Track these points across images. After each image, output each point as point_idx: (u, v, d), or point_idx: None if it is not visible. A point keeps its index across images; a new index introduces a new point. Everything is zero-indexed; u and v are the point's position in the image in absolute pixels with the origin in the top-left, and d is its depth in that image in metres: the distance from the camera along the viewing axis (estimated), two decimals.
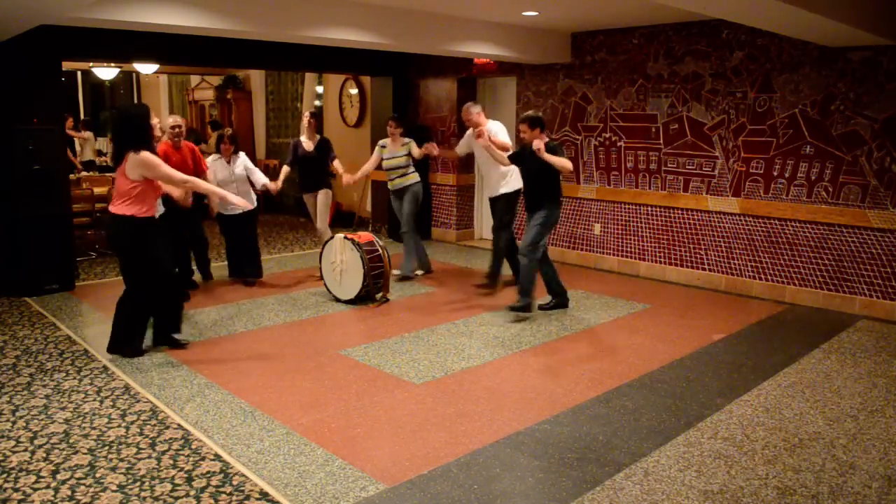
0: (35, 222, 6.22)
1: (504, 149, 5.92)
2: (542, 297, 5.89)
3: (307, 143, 6.86)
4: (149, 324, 4.90)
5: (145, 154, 4.41)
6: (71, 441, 3.50)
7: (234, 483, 3.10)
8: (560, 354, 4.86)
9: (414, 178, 6.90)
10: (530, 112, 5.60)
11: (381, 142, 6.98)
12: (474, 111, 6.31)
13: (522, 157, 5.66)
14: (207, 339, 5.12)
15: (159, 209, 5.53)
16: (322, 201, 6.95)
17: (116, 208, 4.51)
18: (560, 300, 5.96)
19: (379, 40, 6.23)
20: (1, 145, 6.11)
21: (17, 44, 5.98)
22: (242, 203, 5.16)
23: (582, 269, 7.63)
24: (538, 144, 5.33)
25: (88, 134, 11.94)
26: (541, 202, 5.59)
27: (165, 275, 4.72)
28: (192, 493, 3.02)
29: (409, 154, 6.80)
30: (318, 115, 7.05)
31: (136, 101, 14.99)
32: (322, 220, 6.98)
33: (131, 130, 4.49)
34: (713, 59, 6.59)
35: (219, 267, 7.17)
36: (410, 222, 6.86)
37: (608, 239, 7.61)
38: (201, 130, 12.74)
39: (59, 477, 3.15)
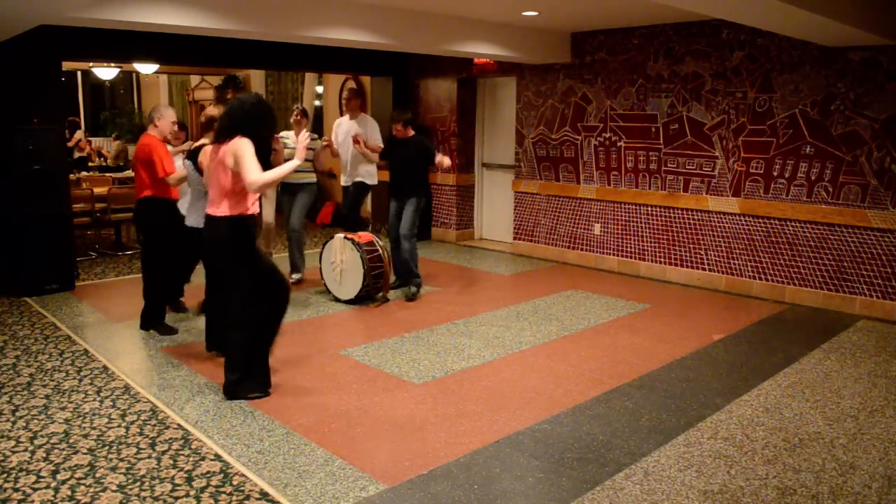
0: (35, 222, 6.22)
1: (376, 150, 6.54)
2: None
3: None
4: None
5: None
6: (71, 441, 3.50)
7: (234, 483, 3.10)
8: (560, 354, 4.86)
9: (311, 177, 6.74)
10: (408, 115, 6.34)
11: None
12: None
13: (391, 151, 6.37)
14: None
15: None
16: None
17: (224, 209, 3.89)
18: (403, 281, 6.43)
19: (379, 40, 6.23)
20: (1, 145, 6.11)
21: (17, 44, 5.98)
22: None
23: (582, 269, 7.64)
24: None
25: (79, 134, 11.95)
26: (410, 191, 6.22)
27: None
28: (192, 493, 3.02)
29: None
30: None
31: (136, 100, 15.01)
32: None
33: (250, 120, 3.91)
34: (713, 59, 6.59)
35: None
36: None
37: (608, 239, 7.61)
38: (201, 131, 12.73)
39: (59, 477, 3.15)
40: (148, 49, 7.16)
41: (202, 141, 4.86)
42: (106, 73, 11.58)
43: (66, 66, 8.82)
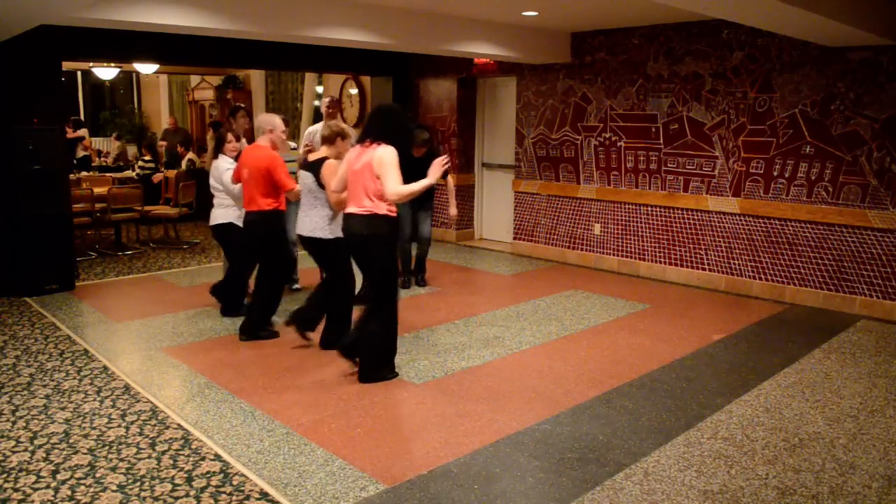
0: (35, 222, 6.22)
1: None
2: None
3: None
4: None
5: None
6: (71, 441, 3.50)
7: (234, 483, 3.10)
8: (560, 354, 4.86)
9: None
10: (426, 136, 6.44)
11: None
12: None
13: (407, 169, 6.15)
14: (207, 339, 5.12)
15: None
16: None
17: (369, 207, 4.15)
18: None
19: (379, 40, 6.23)
20: (1, 145, 6.11)
21: (17, 44, 5.98)
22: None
23: (582, 269, 7.64)
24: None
25: (83, 131, 11.96)
26: (424, 199, 6.40)
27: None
28: (192, 493, 3.02)
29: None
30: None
31: (136, 100, 15.01)
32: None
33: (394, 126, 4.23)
34: (713, 59, 6.59)
35: (215, 269, 7.16)
36: None
37: (608, 239, 7.61)
38: (201, 131, 12.74)
39: (59, 477, 3.15)
40: (148, 49, 7.16)
41: (323, 153, 4.74)
42: (106, 73, 11.58)
43: (66, 66, 8.83)
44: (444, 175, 6.23)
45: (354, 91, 10.31)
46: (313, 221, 4.70)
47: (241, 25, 5.35)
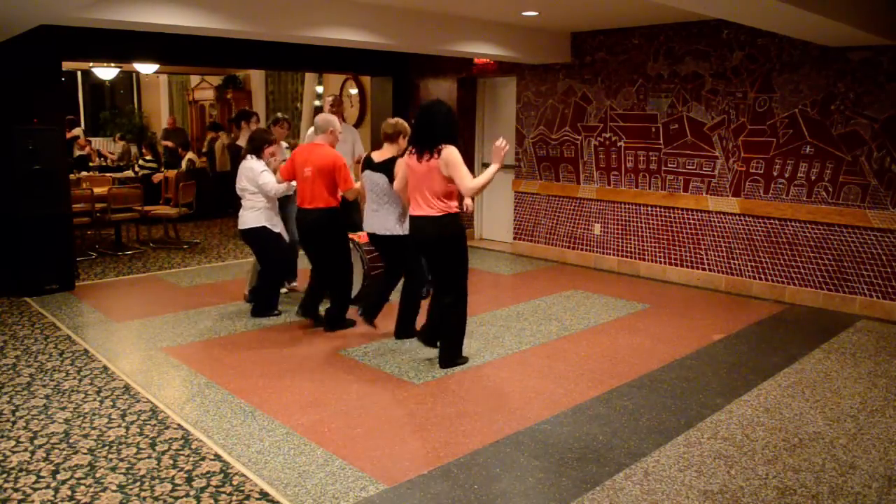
0: (35, 222, 6.22)
1: (360, 161, 6.36)
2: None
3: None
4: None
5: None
6: (71, 441, 3.50)
7: (234, 483, 3.10)
8: (560, 354, 4.86)
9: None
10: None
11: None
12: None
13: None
14: (207, 339, 5.12)
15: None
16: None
17: (439, 208, 4.34)
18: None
19: (379, 40, 6.23)
20: (1, 145, 6.11)
21: (17, 44, 5.98)
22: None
23: (582, 269, 7.64)
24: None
25: (78, 130, 11.97)
26: None
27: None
28: (192, 493, 3.02)
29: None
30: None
31: (136, 100, 15.01)
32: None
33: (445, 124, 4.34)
34: (713, 59, 6.59)
35: (219, 268, 7.18)
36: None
37: (608, 239, 7.61)
38: (201, 131, 12.74)
39: (59, 477, 3.15)
40: (148, 49, 7.16)
41: (388, 152, 4.94)
42: (106, 73, 11.59)
43: (66, 66, 8.84)
44: None
45: (354, 91, 10.32)
46: (386, 220, 4.92)
47: (241, 25, 5.35)
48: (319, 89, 11.17)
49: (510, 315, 5.80)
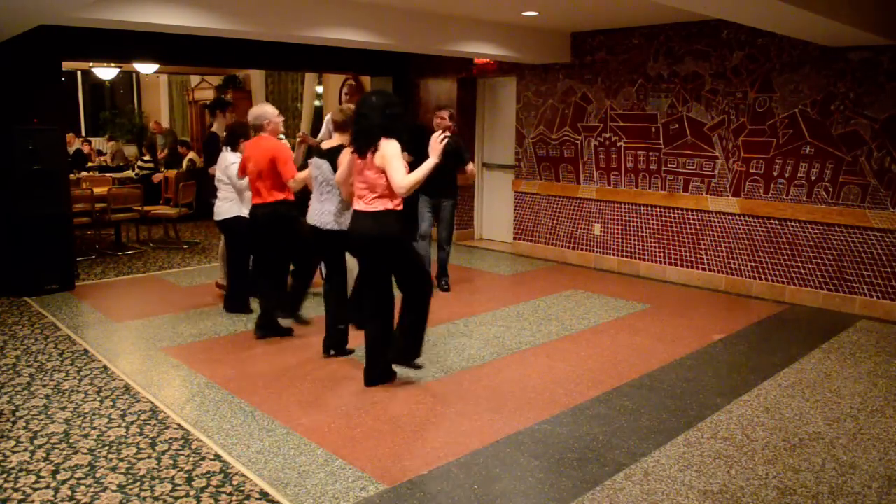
0: (35, 222, 6.22)
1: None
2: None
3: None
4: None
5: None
6: (71, 441, 3.50)
7: (234, 483, 3.10)
8: (560, 354, 4.86)
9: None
10: (452, 110, 6.31)
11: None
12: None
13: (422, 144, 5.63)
14: (208, 339, 5.12)
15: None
16: None
17: (375, 205, 3.99)
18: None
19: (379, 40, 6.23)
20: (1, 145, 6.11)
21: (17, 44, 5.98)
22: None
23: (582, 269, 7.64)
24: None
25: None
26: (445, 188, 6.20)
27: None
28: (192, 493, 3.02)
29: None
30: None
31: (135, 100, 15.01)
32: None
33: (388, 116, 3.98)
34: (713, 59, 6.59)
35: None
36: None
37: (608, 239, 7.61)
38: (201, 131, 12.72)
39: (59, 477, 3.15)
40: (148, 49, 7.16)
41: (338, 141, 4.56)
42: (106, 73, 11.58)
43: (66, 66, 8.84)
44: (463, 163, 6.21)
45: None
46: (326, 212, 4.57)
47: (241, 25, 5.35)
48: (319, 89, 11.17)
49: (510, 315, 5.80)
